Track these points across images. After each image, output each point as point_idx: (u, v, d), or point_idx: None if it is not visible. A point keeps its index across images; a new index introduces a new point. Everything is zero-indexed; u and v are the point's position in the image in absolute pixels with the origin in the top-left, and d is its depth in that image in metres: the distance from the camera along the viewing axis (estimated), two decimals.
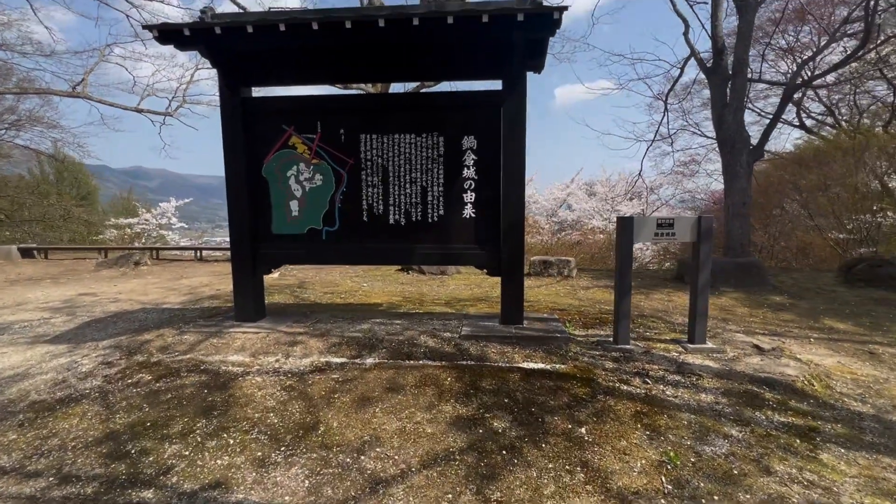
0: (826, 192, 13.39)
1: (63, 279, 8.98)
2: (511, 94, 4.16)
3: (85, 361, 4.05)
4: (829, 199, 12.67)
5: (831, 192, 12.79)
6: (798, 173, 14.21)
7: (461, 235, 4.48)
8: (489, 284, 7.90)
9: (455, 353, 3.90)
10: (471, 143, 4.38)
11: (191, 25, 3.75)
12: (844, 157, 12.09)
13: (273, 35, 3.81)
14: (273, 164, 4.56)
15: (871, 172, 11.90)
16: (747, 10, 9.05)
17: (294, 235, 4.63)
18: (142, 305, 6.54)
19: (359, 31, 3.74)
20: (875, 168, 11.86)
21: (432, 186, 4.46)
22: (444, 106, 4.37)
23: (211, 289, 7.79)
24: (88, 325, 5.51)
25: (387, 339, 4.20)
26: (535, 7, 3.52)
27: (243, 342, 4.22)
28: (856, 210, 11.73)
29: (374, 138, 4.45)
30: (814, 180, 14.60)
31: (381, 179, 4.50)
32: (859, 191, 11.69)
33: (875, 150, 11.73)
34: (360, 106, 4.42)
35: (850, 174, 11.87)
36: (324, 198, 4.56)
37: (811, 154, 14.61)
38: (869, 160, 11.82)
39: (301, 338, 4.28)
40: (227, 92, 4.34)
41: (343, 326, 4.59)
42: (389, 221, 4.54)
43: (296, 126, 4.48)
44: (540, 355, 3.91)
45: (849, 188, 11.78)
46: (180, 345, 4.24)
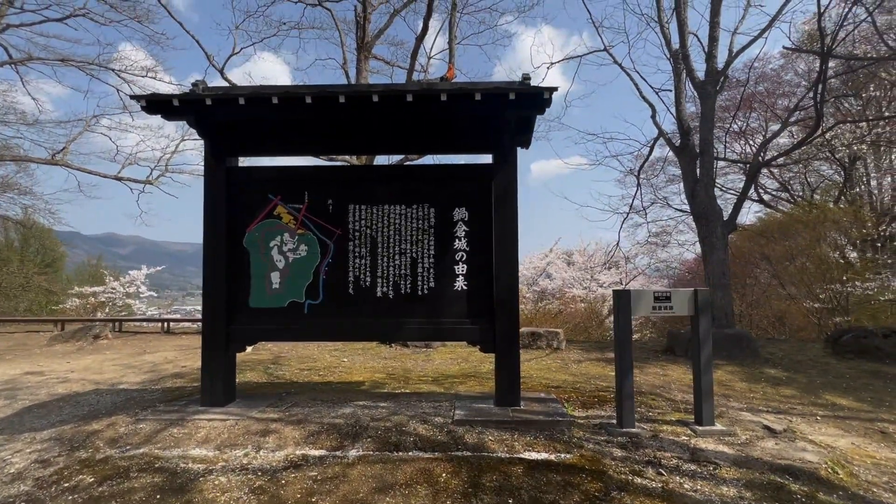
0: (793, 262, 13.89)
1: (9, 355, 8.16)
2: (502, 168, 4.18)
3: (16, 459, 3.46)
4: (797, 269, 13.09)
5: (798, 263, 13.25)
6: (765, 245, 14.76)
7: (452, 309, 4.26)
8: (476, 359, 7.55)
9: (449, 443, 3.51)
10: (462, 214, 4.31)
11: (180, 97, 3.71)
12: (805, 229, 12.70)
13: (265, 107, 3.79)
14: (256, 233, 4.36)
15: (831, 244, 12.46)
16: (708, 96, 9.85)
17: (274, 309, 4.32)
18: (95, 386, 5.89)
19: (352, 106, 3.75)
20: (833, 241, 12.44)
21: (422, 258, 4.30)
22: (435, 178, 4.35)
23: (175, 366, 7.17)
24: (29, 412, 4.86)
25: (372, 425, 3.78)
26: (526, 87, 3.63)
27: (208, 432, 3.72)
28: (824, 280, 12.10)
29: (363, 209, 4.34)
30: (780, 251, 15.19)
31: (369, 250, 4.32)
32: (824, 261, 12.14)
33: (830, 223, 12.38)
34: (349, 177, 4.36)
35: (812, 246, 12.38)
36: (308, 269, 4.33)
37: (775, 227, 15.33)
38: (826, 233, 12.42)
39: (275, 425, 3.81)
40: (213, 161, 4.23)
41: (322, 411, 4.15)
42: (377, 294, 4.30)
43: (282, 196, 4.35)
44: (542, 443, 3.55)
45: (814, 259, 12.22)
46: (134, 436, 3.71)
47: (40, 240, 23.34)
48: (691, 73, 10.04)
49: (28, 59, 16.99)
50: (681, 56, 10.09)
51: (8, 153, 17.02)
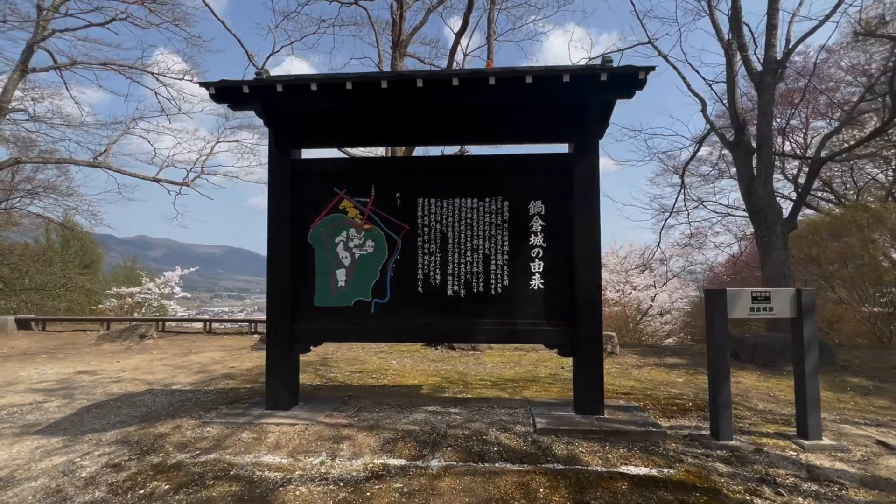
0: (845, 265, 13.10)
1: (61, 354, 8.26)
2: (583, 157, 3.89)
3: (86, 462, 3.34)
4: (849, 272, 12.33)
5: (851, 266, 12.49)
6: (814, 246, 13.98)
7: (528, 310, 3.98)
8: (529, 362, 7.24)
9: (537, 454, 3.23)
10: (538, 208, 4.03)
11: (250, 83, 3.56)
12: (858, 230, 11.95)
13: (337, 94, 3.61)
14: (320, 229, 4.18)
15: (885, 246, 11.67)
16: (766, 88, 9.32)
17: (339, 308, 4.13)
18: (148, 386, 5.83)
19: (429, 92, 3.53)
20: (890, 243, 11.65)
21: (496, 254, 4.04)
22: (508, 169, 4.09)
23: (223, 367, 7.09)
24: (88, 412, 4.80)
25: (450, 433, 3.53)
26: (620, 68, 3.34)
27: (278, 437, 3.54)
28: (881, 283, 11.33)
29: (433, 203, 4.11)
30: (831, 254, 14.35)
31: (439, 246, 4.09)
32: (879, 265, 11.38)
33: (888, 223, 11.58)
34: (418, 169, 4.14)
35: (865, 248, 11.65)
36: (375, 266, 4.12)
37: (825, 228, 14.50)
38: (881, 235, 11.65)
39: (347, 431, 3.60)
40: (278, 153, 4.07)
41: (392, 416, 3.93)
42: (447, 293, 4.06)
43: (348, 189, 4.16)
44: (639, 456, 3.24)
45: (869, 262, 11.48)
46: (202, 440, 3.56)
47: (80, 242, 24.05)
48: (748, 63, 9.53)
49: (72, 64, 17.47)
50: (736, 46, 9.59)
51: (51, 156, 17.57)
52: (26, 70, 16.01)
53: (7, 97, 15.58)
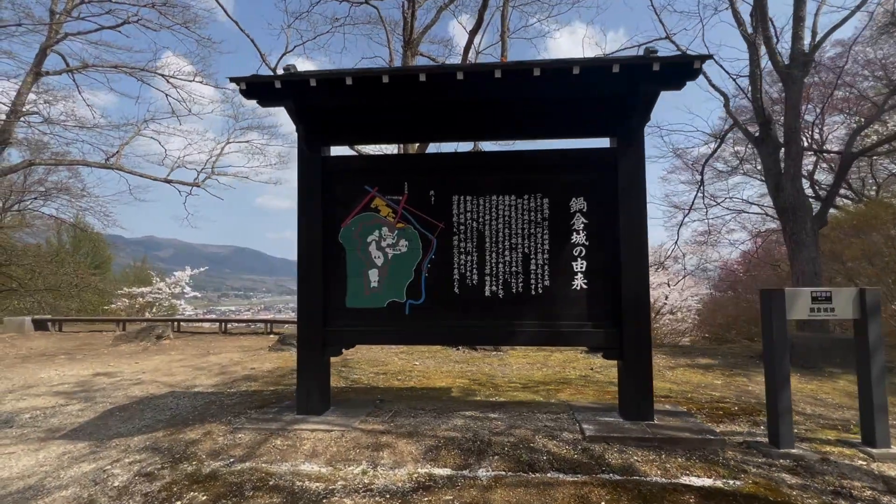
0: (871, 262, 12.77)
1: (79, 355, 8.19)
2: (628, 151, 3.70)
3: (117, 470, 3.21)
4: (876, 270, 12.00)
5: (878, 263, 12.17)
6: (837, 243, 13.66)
7: (570, 311, 3.81)
8: (556, 363, 7.05)
9: (590, 463, 3.06)
10: (579, 205, 3.85)
11: (283, 77, 3.41)
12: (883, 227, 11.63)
13: (372, 89, 3.45)
14: (352, 228, 4.03)
15: None
16: (794, 82, 9.06)
17: (372, 310, 3.97)
18: (170, 389, 5.72)
19: (468, 85, 3.36)
20: None
21: (535, 253, 3.87)
22: (547, 165, 3.91)
23: (243, 368, 6.97)
24: (111, 415, 4.69)
25: (494, 440, 3.37)
26: (676, 57, 3.15)
27: (314, 444, 3.39)
28: None
29: (469, 200, 3.94)
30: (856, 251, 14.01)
31: (475, 246, 3.92)
32: None
33: None
34: (453, 165, 3.98)
35: (891, 245, 11.34)
36: (409, 266, 3.96)
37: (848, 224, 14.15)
38: None
39: (385, 438, 3.45)
40: (308, 150, 3.92)
41: (430, 422, 3.77)
42: (485, 293, 3.89)
43: (380, 187, 4.01)
44: (699, 466, 3.05)
45: None
46: (235, 447, 3.42)
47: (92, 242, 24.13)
48: (773, 57, 9.26)
49: (84, 67, 17.46)
50: (761, 39, 9.32)
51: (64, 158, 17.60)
52: (40, 73, 16.04)
53: (21, 100, 15.61)
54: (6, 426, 4.42)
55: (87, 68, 17.25)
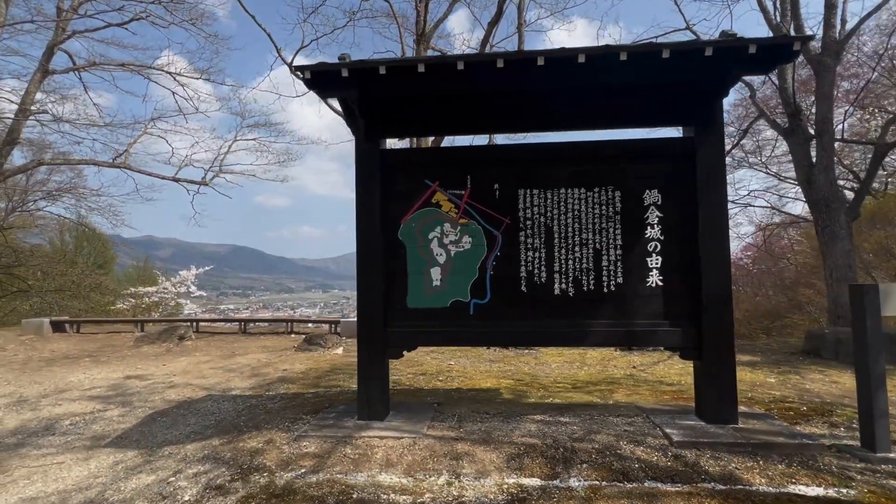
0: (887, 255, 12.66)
1: (103, 357, 8.01)
2: (708, 140, 3.52)
3: (182, 483, 3.04)
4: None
5: None
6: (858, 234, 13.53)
7: (645, 309, 3.64)
8: (594, 361, 6.89)
9: (688, 472, 2.89)
10: (654, 197, 3.67)
11: (350, 66, 3.21)
12: None
13: (444, 77, 3.26)
14: (412, 224, 3.84)
15: None
16: (826, 71, 8.86)
17: (434, 310, 3.80)
18: (206, 392, 5.55)
19: (547, 72, 3.17)
20: None
21: (608, 249, 3.69)
22: (619, 156, 3.73)
23: (274, 369, 6.80)
24: (153, 421, 4.52)
25: (577, 447, 3.20)
26: (775, 38, 2.97)
27: (387, 453, 3.22)
28: None
29: (536, 194, 3.76)
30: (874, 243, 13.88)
31: (543, 242, 3.75)
32: None
33: None
34: (518, 157, 3.79)
35: None
36: (473, 264, 3.78)
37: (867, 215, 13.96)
38: None
39: (461, 446, 3.28)
40: (367, 144, 3.73)
41: (501, 427, 3.60)
42: (554, 292, 3.72)
43: (441, 181, 3.82)
44: (804, 473, 2.89)
45: None
46: (304, 457, 3.24)
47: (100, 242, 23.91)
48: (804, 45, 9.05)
49: (91, 66, 17.20)
50: (793, 27, 9.12)
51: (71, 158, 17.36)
52: (47, 72, 15.78)
53: (29, 99, 15.37)
54: (48, 433, 4.25)
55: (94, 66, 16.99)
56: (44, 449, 3.89)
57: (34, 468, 3.52)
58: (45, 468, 3.51)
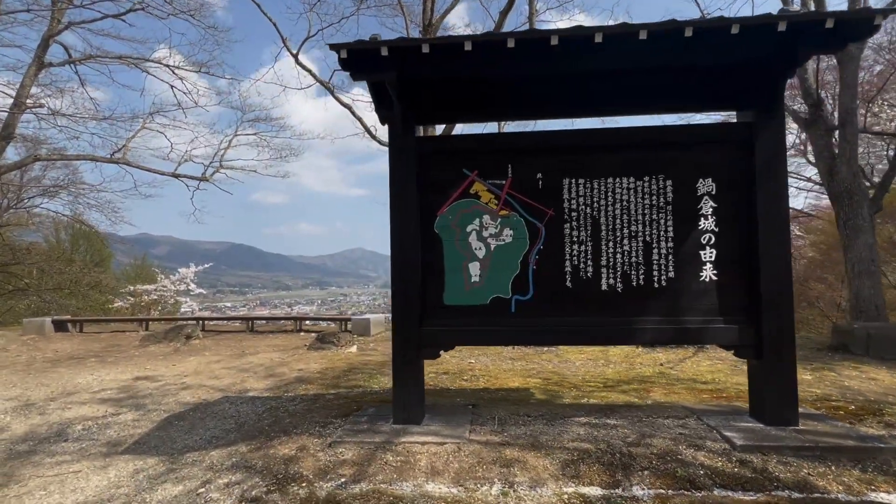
0: None
1: (110, 357, 7.76)
2: (769, 125, 3.32)
3: (214, 494, 2.82)
4: None
5: None
6: None
7: (698, 305, 3.44)
8: (618, 358, 6.70)
9: (758, 478, 2.70)
10: (707, 187, 3.47)
11: (391, 44, 2.98)
12: None
13: (491, 57, 3.03)
14: (449, 216, 3.62)
15: None
16: (850, 59, 8.66)
17: (473, 307, 3.59)
18: (221, 393, 5.33)
19: (606, 50, 2.95)
20: None
21: (658, 242, 3.49)
22: (670, 143, 3.52)
23: (289, 369, 6.58)
24: (170, 425, 4.30)
25: (634, 452, 3.00)
26: (856, 11, 2.77)
27: (431, 459, 3.01)
28: None
29: (581, 184, 3.55)
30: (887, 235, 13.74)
31: (590, 234, 3.54)
32: None
33: None
34: (562, 144, 3.57)
35: None
36: (514, 258, 3.57)
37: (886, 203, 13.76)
38: None
39: (509, 451, 3.07)
40: (402, 131, 3.50)
41: (546, 430, 3.40)
42: (601, 287, 3.51)
43: (480, 170, 3.60)
44: (883, 479, 2.70)
45: None
46: (342, 465, 3.03)
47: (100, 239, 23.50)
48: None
49: (87, 58, 16.82)
50: None
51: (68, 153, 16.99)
52: (42, 65, 15.40)
53: (24, 92, 14.99)
54: (60, 440, 4.02)
55: (91, 59, 16.61)
56: (58, 456, 3.66)
57: (50, 477, 3.30)
58: (61, 477, 3.29)
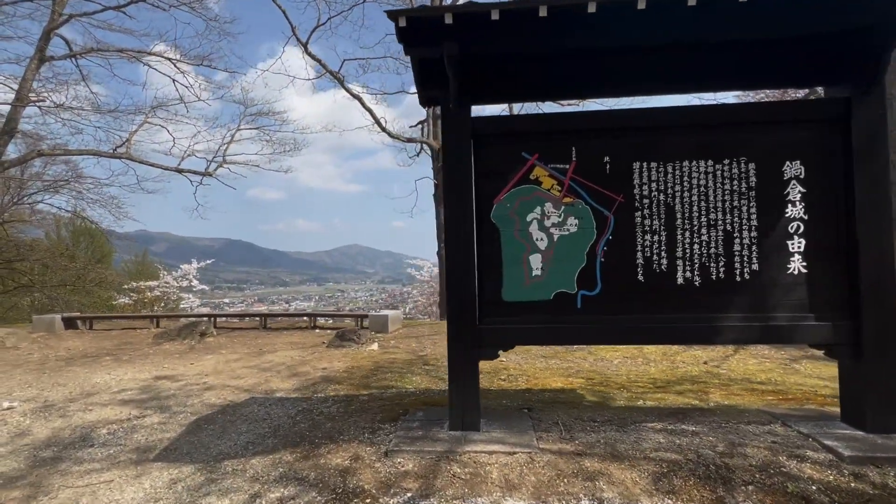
0: None
1: (124, 356, 7.46)
2: (867, 101, 3.00)
3: None
4: None
5: None
6: None
7: (785, 300, 3.13)
8: (656, 356, 6.40)
9: (884, 496, 2.40)
10: (795, 170, 3.15)
11: (455, 9, 2.65)
12: None
13: (563, 27, 2.71)
14: (507, 204, 3.31)
15: None
16: None
17: (534, 304, 3.28)
18: (247, 394, 5.04)
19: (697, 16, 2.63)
20: None
21: (740, 231, 3.18)
22: (754, 122, 3.20)
23: (313, 368, 6.29)
24: (200, 429, 4.01)
25: (729, 463, 2.71)
26: None
27: (503, 472, 2.72)
28: None
29: (654, 167, 3.23)
30: None
31: (663, 223, 3.22)
32: None
33: None
34: (633, 124, 3.25)
35: None
36: (580, 250, 3.26)
37: None
38: None
39: (588, 463, 2.78)
40: (457, 110, 3.18)
41: (620, 438, 3.10)
42: (677, 281, 3.20)
43: (541, 153, 3.28)
44: None
45: None
46: (405, 477, 2.73)
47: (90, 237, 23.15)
48: None
49: (88, 51, 16.44)
50: None
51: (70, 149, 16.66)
52: (44, 58, 15.04)
53: (26, 86, 14.63)
54: (86, 445, 3.73)
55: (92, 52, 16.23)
56: (85, 464, 3.38)
57: (80, 488, 3.02)
58: (92, 488, 3.01)
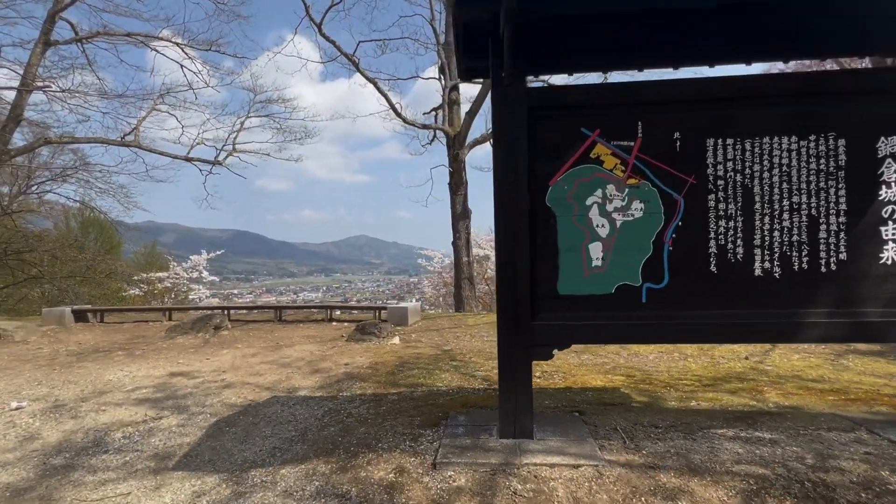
0: None
1: (137, 350, 7.23)
2: None
3: None
4: None
5: None
6: None
7: (879, 293, 2.79)
8: (691, 351, 6.08)
9: None
10: (891, 146, 2.79)
11: None
12: None
13: None
14: (564, 186, 2.97)
15: None
16: None
17: (593, 298, 2.96)
18: (269, 393, 4.77)
19: None
20: None
21: (827, 216, 2.83)
22: (844, 92, 2.84)
23: (334, 364, 6.02)
24: (221, 432, 3.75)
25: (824, 479, 2.39)
26: None
27: (570, 489, 2.42)
28: None
29: (730, 145, 2.88)
30: None
31: (740, 208, 2.88)
32: None
33: None
34: (706, 96, 2.89)
35: None
36: (645, 237, 2.93)
37: None
38: None
39: (663, 477, 2.48)
40: (510, 81, 2.84)
41: (690, 447, 2.80)
42: (755, 272, 2.87)
43: (602, 129, 2.94)
44: None
45: None
46: (459, 494, 2.44)
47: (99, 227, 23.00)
48: None
49: (94, 35, 16.10)
50: None
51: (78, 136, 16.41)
52: (49, 43, 14.73)
53: (31, 72, 14.34)
54: (100, 451, 3.47)
55: (98, 36, 15.89)
56: (100, 473, 3.12)
57: (94, 502, 2.76)
58: (107, 502, 2.75)
